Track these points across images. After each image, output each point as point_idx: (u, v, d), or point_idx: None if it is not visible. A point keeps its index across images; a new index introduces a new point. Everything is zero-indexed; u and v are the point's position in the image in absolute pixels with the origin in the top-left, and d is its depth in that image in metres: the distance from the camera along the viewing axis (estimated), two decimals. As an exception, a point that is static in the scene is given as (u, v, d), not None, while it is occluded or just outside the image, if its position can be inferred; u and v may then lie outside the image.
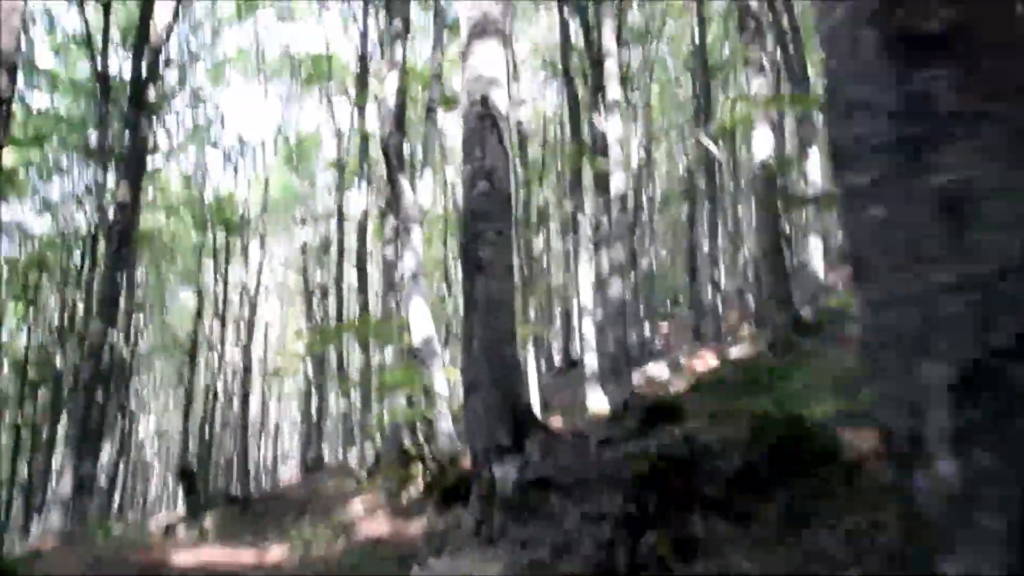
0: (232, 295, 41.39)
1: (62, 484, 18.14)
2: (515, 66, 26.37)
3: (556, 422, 16.11)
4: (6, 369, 43.09)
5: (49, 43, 31.42)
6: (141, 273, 44.81)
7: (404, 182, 13.86)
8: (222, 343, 39.75)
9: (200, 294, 42.36)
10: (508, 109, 9.28)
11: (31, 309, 38.50)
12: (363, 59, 26.08)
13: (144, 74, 19.93)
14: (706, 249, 32.34)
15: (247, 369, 34.38)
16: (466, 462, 13.35)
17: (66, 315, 36.77)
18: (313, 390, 40.49)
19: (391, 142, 13.99)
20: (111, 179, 24.47)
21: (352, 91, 33.95)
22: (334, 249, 34.16)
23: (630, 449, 7.72)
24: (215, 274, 40.55)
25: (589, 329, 19.82)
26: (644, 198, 37.54)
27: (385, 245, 18.25)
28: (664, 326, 38.11)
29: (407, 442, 15.41)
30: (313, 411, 39.98)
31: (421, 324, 13.40)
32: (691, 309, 32.51)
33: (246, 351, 35.00)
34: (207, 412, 39.99)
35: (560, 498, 7.52)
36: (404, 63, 15.02)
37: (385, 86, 14.27)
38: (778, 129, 20.39)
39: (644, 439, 8.45)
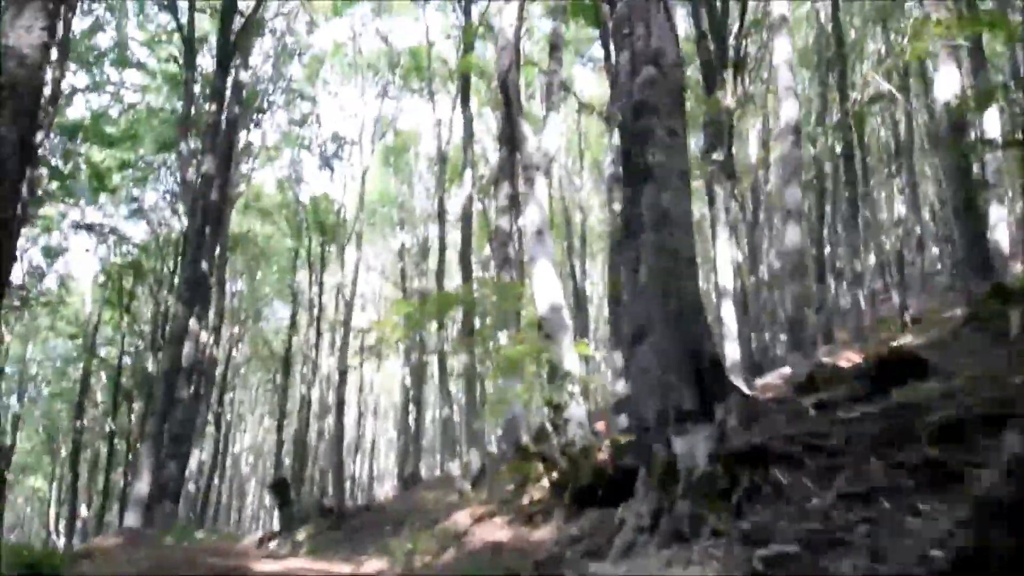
0: (327, 302, 39.88)
1: (139, 485, 16.38)
2: None
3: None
4: (103, 378, 42.17)
5: (142, 36, 30.22)
6: (234, 281, 43.85)
7: (525, 124, 11.69)
8: (316, 351, 38.16)
9: (295, 301, 40.93)
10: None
11: (125, 317, 37.42)
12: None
13: (231, 38, 18.25)
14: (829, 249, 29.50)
15: (343, 376, 32.57)
16: (602, 456, 11.03)
17: (159, 322, 35.51)
18: (410, 402, 38.62)
19: (509, 78, 11.85)
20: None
21: (452, 85, 32.22)
22: (435, 248, 32.13)
23: (890, 404, 5.37)
24: (310, 280, 39.08)
25: (730, 312, 17.23)
26: (762, 195, 34.62)
27: (499, 215, 16.04)
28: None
29: (525, 437, 13.15)
30: (411, 422, 38.12)
31: (547, 290, 11.16)
32: (818, 312, 29.43)
33: (342, 356, 33.23)
34: (301, 424, 38.40)
35: (790, 472, 5.16)
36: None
37: (503, 15, 12.18)
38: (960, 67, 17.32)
39: (887, 399, 6.03)
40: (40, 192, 30.43)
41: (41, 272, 35.70)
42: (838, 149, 28.50)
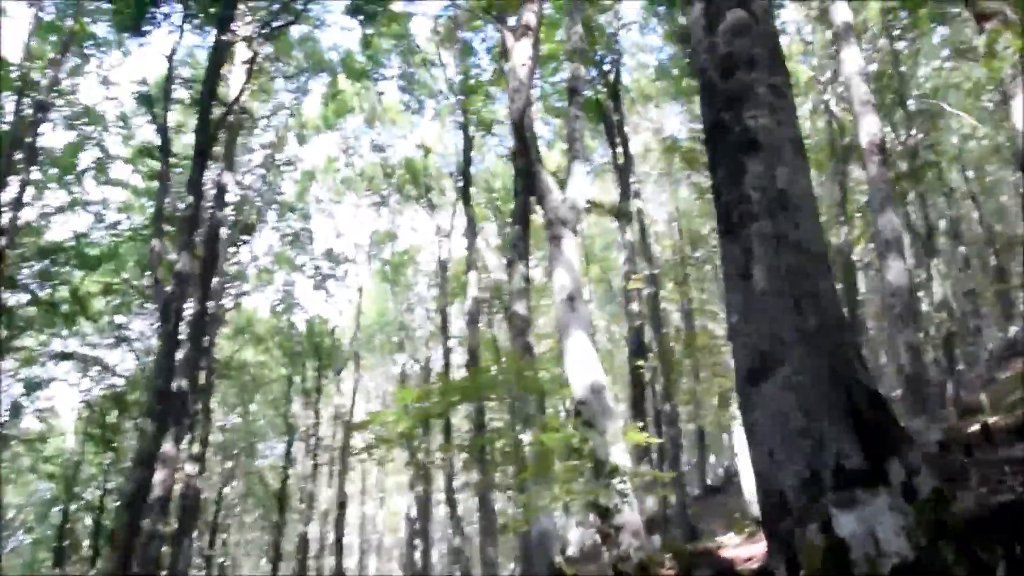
0: (324, 432, 37.51)
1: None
2: None
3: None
4: (88, 521, 39.30)
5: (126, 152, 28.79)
6: (227, 415, 41.52)
7: (546, 174, 9.80)
8: (314, 483, 35.57)
9: (290, 432, 38.47)
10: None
11: (109, 454, 34.90)
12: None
13: (209, 128, 16.60)
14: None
15: (342, 508, 29.97)
16: (664, 571, 8.71)
17: (146, 457, 33.01)
18: (416, 536, 35.78)
19: (525, 121, 10.03)
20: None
21: (451, 192, 30.80)
22: (438, 368, 30.02)
23: None
24: (305, 409, 36.80)
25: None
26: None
27: (515, 299, 13.95)
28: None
29: (559, 558, 10.87)
30: (417, 558, 35.26)
31: (584, 367, 9.05)
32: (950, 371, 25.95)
33: (340, 488, 30.68)
34: (299, 565, 35.49)
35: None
36: (539, 24, 11.23)
37: (515, 54, 10.45)
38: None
39: None
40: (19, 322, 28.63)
41: (19, 407, 33.40)
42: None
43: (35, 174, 26.27)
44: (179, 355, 18.01)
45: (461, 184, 24.78)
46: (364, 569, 50.96)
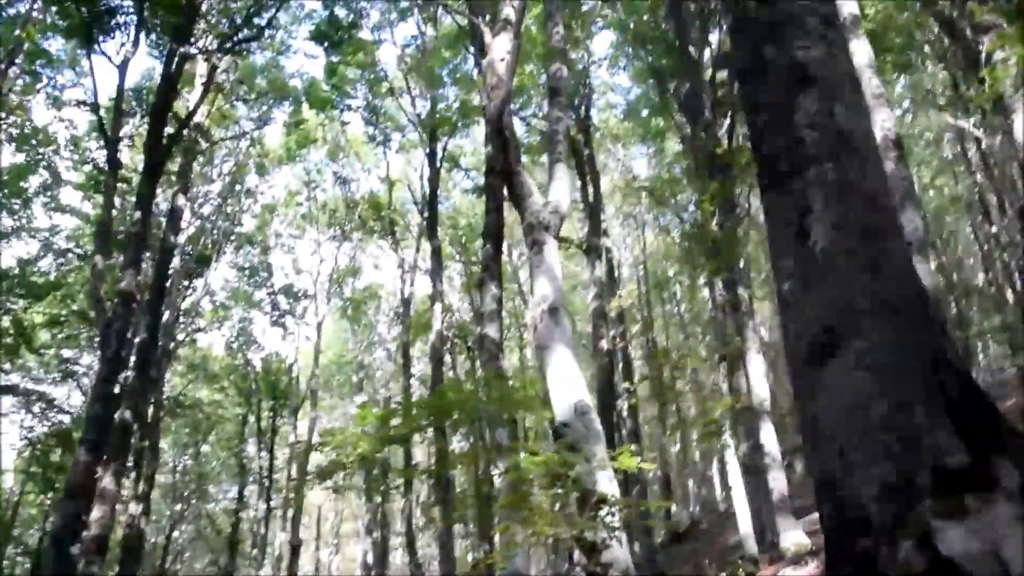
0: (278, 474, 36.04)
1: None
2: None
3: None
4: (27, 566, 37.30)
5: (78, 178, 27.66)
6: (178, 456, 39.93)
7: (526, 176, 8.92)
8: (266, 527, 34.03)
9: (243, 473, 36.92)
10: None
11: (51, 494, 33.18)
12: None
13: (162, 140, 15.60)
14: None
15: (295, 552, 28.55)
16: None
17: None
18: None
19: (504, 121, 9.15)
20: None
21: (416, 228, 29.97)
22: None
23: None
24: (259, 449, 35.35)
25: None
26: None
27: (486, 322, 12.84)
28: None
29: (533, 602, 9.87)
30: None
31: (568, 384, 8.12)
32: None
33: (294, 530, 29.26)
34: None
35: None
36: (520, 20, 10.41)
37: (494, 48, 9.60)
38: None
39: None
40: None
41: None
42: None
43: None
44: (124, 384, 16.86)
45: (427, 216, 23.85)
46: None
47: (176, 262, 28.71)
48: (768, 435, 14.51)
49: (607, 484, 7.86)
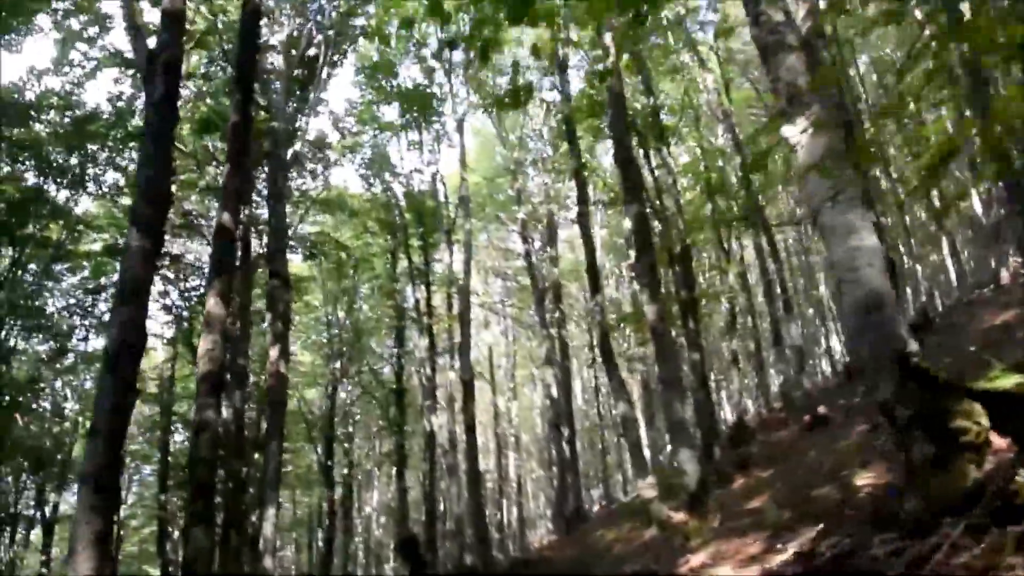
0: (438, 307, 31.71)
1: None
2: None
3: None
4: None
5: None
6: (334, 312, 36.25)
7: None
8: (432, 366, 29.82)
9: (400, 318, 32.75)
10: None
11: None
12: None
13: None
14: None
15: (468, 387, 24.15)
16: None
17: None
18: (561, 424, 29.90)
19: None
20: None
21: None
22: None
23: None
24: (413, 285, 30.93)
25: None
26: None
27: None
28: None
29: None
30: (564, 446, 29.58)
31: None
32: None
33: (464, 363, 24.82)
34: (427, 465, 30.14)
35: None
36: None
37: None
38: None
39: None
40: None
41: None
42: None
43: None
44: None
45: None
46: (503, 469, 45.96)
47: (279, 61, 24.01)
48: None
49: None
